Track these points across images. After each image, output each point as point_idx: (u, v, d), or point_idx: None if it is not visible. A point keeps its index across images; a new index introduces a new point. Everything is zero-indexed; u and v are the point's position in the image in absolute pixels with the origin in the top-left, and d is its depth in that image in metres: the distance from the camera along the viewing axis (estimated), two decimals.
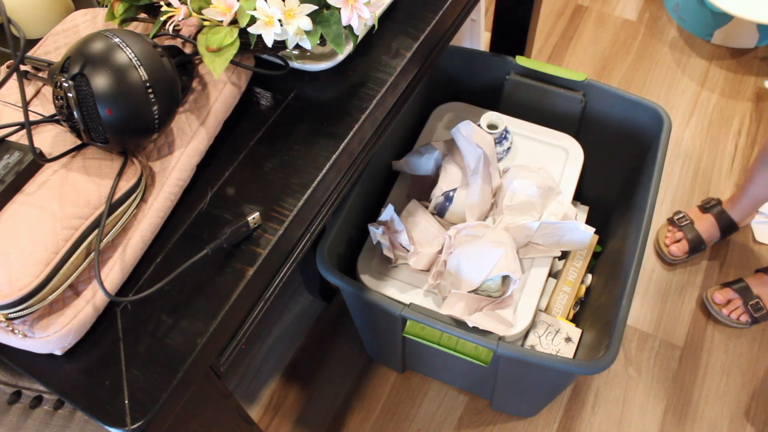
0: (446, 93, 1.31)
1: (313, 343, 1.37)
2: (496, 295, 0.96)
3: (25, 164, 0.59)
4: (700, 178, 1.57)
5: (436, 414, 1.27)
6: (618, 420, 1.25)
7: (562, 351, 1.13)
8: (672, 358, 1.32)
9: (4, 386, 0.81)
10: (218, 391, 0.66)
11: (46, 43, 0.72)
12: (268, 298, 0.65)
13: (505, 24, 1.33)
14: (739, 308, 1.33)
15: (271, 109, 0.71)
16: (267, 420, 1.28)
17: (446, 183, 1.06)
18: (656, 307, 1.39)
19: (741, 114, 1.68)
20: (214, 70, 0.62)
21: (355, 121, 0.69)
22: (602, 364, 0.86)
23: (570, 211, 1.05)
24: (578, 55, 1.83)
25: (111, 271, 0.58)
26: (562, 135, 1.17)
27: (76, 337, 0.56)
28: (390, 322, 1.04)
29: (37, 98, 0.68)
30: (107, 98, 0.56)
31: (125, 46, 0.57)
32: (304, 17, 0.63)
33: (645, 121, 1.15)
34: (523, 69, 1.19)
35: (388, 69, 0.73)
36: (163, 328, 0.57)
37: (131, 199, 0.60)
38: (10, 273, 0.53)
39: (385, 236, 1.00)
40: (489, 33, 1.44)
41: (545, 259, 1.05)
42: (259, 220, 0.62)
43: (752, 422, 1.24)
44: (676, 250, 1.41)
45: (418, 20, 0.77)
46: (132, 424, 0.52)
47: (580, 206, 1.33)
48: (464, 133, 1.02)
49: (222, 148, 0.68)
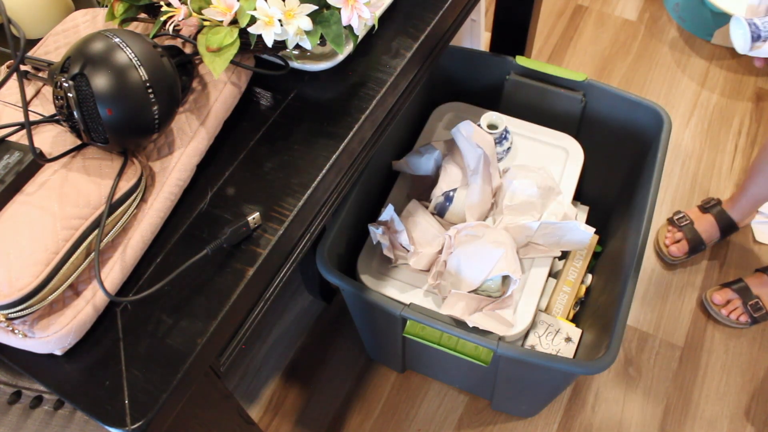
0: (446, 93, 1.31)
1: (313, 343, 1.37)
2: (496, 295, 0.96)
3: (25, 164, 0.59)
4: (700, 178, 1.57)
5: (436, 414, 1.27)
6: (618, 420, 1.25)
7: (562, 351, 1.13)
8: (672, 358, 1.32)
9: (4, 386, 0.81)
10: (218, 391, 0.66)
11: (46, 43, 0.72)
12: (268, 298, 0.65)
13: (505, 24, 1.33)
14: (738, 308, 1.33)
15: (271, 109, 0.71)
16: (267, 420, 1.28)
17: (446, 183, 1.06)
18: (656, 307, 1.39)
19: (741, 114, 1.68)
20: (214, 70, 0.62)
21: (355, 121, 0.69)
22: (602, 364, 0.86)
23: (570, 211, 1.05)
24: (578, 55, 1.83)
25: (111, 271, 0.58)
26: (562, 135, 1.17)
27: (76, 337, 0.56)
28: (390, 322, 1.04)
29: (37, 98, 0.68)
30: (107, 98, 0.56)
31: (125, 46, 0.57)
32: (304, 17, 0.63)
33: (645, 121, 1.15)
34: (523, 69, 1.19)
35: (388, 69, 0.73)
36: (163, 328, 0.57)
37: (131, 199, 0.60)
38: (10, 273, 0.53)
39: (385, 236, 1.00)
40: (489, 33, 1.44)
41: (545, 259, 1.05)
42: (259, 220, 0.62)
43: (752, 422, 1.24)
44: (675, 251, 1.41)
45: (418, 20, 0.77)
46: (132, 424, 0.52)
47: (580, 206, 1.33)
48: (464, 133, 1.02)
49: (222, 148, 0.68)
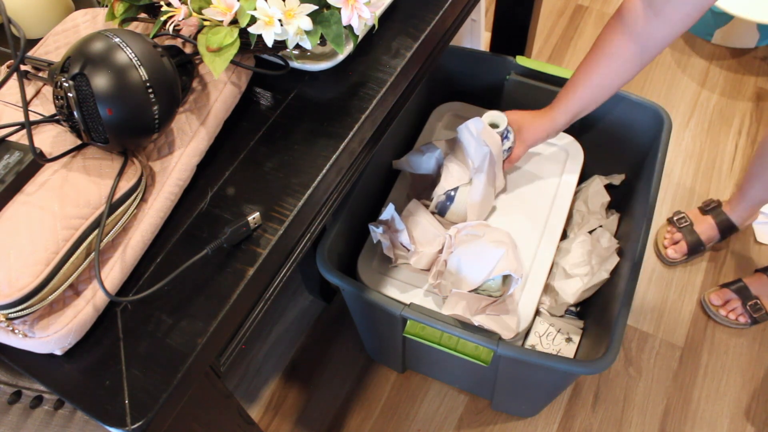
0: (446, 93, 1.31)
1: (313, 343, 1.37)
2: (497, 294, 0.96)
3: (25, 164, 0.59)
4: (700, 178, 1.57)
5: (436, 414, 1.27)
6: (618, 420, 1.25)
7: (562, 351, 1.13)
8: (672, 358, 1.32)
9: (4, 386, 0.81)
10: (218, 391, 0.66)
11: (47, 43, 0.72)
12: (268, 298, 0.65)
13: (505, 24, 1.33)
14: (737, 308, 1.32)
15: (271, 109, 0.71)
16: (267, 420, 1.28)
17: (448, 181, 1.06)
18: (656, 308, 1.39)
19: (741, 114, 1.68)
20: (214, 70, 0.62)
21: (355, 121, 0.69)
22: (602, 364, 0.86)
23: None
24: (578, 55, 1.83)
25: (111, 271, 0.58)
26: (562, 135, 1.17)
27: (77, 337, 0.56)
28: (390, 322, 1.04)
29: (37, 98, 0.68)
30: (107, 98, 0.56)
31: (125, 46, 0.57)
32: (304, 17, 0.63)
33: (645, 121, 1.15)
34: (524, 69, 1.19)
35: (388, 69, 0.72)
36: (163, 328, 0.57)
37: (131, 199, 0.60)
38: (10, 273, 0.53)
39: (385, 236, 1.00)
40: (489, 33, 1.44)
41: (546, 258, 1.05)
42: (259, 220, 0.62)
43: (752, 422, 1.24)
44: (673, 253, 1.41)
45: (418, 20, 0.77)
46: (132, 424, 0.52)
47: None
48: (473, 130, 1.01)
49: (222, 148, 0.68)
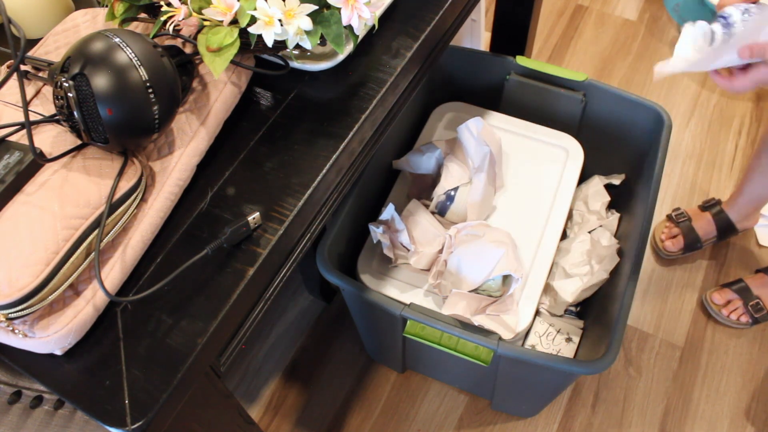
0: (446, 93, 1.31)
1: (313, 343, 1.37)
2: (497, 294, 0.96)
3: (25, 164, 0.59)
4: (700, 178, 1.57)
5: (436, 414, 1.27)
6: (618, 420, 1.25)
7: (562, 351, 1.13)
8: (672, 358, 1.32)
9: (4, 386, 0.81)
10: (218, 391, 0.66)
11: (47, 43, 0.72)
12: (268, 298, 0.65)
13: (505, 24, 1.33)
14: (738, 309, 1.33)
15: (271, 109, 0.71)
16: (267, 420, 1.28)
17: (448, 181, 1.06)
18: (656, 307, 1.39)
19: (741, 114, 1.68)
20: (214, 70, 0.62)
21: (355, 121, 0.69)
22: (602, 364, 0.86)
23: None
24: (578, 55, 1.83)
25: (111, 271, 0.58)
26: (562, 135, 1.17)
27: (77, 337, 0.56)
28: (390, 322, 1.04)
29: (37, 98, 0.68)
30: (107, 98, 0.56)
31: (125, 46, 0.57)
32: (304, 17, 0.63)
33: (645, 121, 1.15)
34: (524, 69, 1.19)
35: (388, 69, 0.73)
36: (163, 328, 0.57)
37: (131, 199, 0.60)
38: (10, 273, 0.53)
39: (385, 235, 1.00)
40: (489, 33, 1.44)
41: (546, 258, 1.05)
42: (259, 220, 0.62)
43: (752, 422, 1.24)
44: (670, 246, 1.41)
45: (418, 20, 0.77)
46: (132, 424, 0.52)
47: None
48: (473, 130, 1.02)
49: (222, 148, 0.68)
